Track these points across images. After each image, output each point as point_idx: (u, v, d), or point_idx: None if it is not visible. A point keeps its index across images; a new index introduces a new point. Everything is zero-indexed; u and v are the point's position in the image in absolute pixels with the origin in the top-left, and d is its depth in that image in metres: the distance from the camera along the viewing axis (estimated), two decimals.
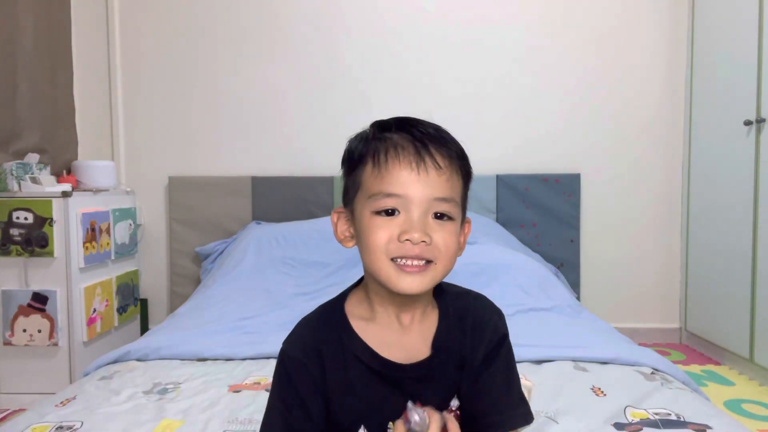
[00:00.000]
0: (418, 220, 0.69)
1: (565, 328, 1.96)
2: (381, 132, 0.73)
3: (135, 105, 3.04)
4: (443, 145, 0.72)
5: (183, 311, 2.21)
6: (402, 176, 0.69)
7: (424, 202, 0.70)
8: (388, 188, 0.70)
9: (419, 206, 0.70)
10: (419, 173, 0.69)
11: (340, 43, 3.01)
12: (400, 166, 0.70)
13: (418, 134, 0.71)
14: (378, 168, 0.71)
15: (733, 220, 2.52)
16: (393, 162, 0.70)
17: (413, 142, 0.71)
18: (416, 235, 0.68)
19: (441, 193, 0.70)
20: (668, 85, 3.00)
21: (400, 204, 0.70)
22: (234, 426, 1.21)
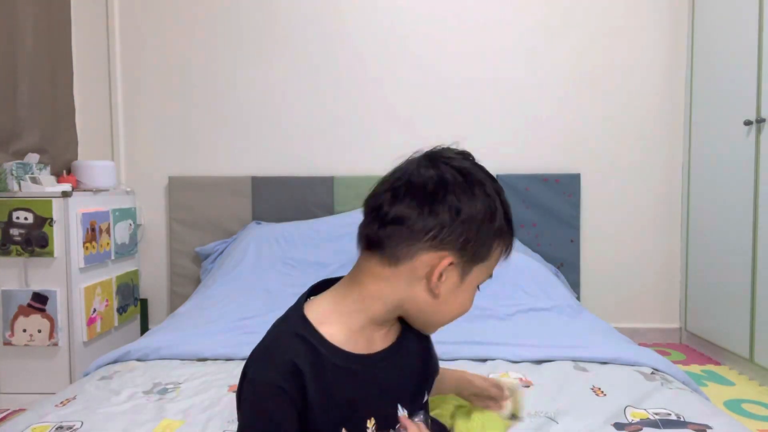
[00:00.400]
0: None
1: (565, 328, 1.96)
2: (509, 226, 0.77)
3: (135, 105, 3.04)
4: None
5: (183, 311, 2.21)
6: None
7: None
8: (493, 271, 0.79)
9: None
10: None
11: (340, 43, 3.01)
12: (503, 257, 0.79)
13: (513, 234, 0.80)
14: (503, 253, 0.78)
15: (733, 220, 2.52)
16: (507, 253, 0.79)
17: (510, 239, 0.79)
18: None
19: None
20: (668, 85, 3.00)
21: None
22: (234, 426, 1.21)
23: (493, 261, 0.77)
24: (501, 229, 0.74)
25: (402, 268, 0.72)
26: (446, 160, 0.73)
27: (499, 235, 0.74)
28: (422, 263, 0.71)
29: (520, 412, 0.95)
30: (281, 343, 0.73)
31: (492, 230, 0.73)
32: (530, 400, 1.32)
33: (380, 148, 2.99)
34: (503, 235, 0.75)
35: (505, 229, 0.75)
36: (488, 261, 0.76)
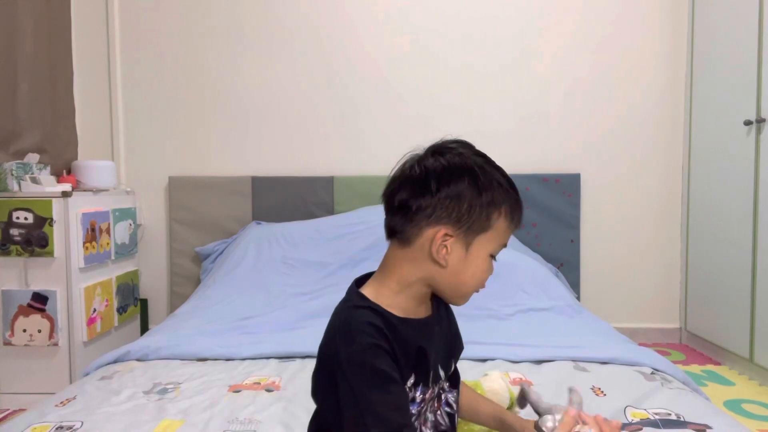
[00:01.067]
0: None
1: (565, 328, 1.96)
2: (513, 191, 0.84)
3: (135, 105, 3.04)
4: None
5: (183, 311, 2.21)
6: (510, 235, 0.86)
7: None
8: (506, 241, 0.85)
9: None
10: None
11: (339, 43, 3.01)
12: (515, 228, 0.86)
13: (521, 200, 0.86)
14: (509, 224, 0.84)
15: (733, 221, 2.52)
16: (517, 224, 0.86)
17: (520, 205, 0.86)
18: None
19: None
20: (668, 85, 3.00)
21: None
22: (234, 426, 1.21)
23: (499, 231, 0.83)
24: (494, 201, 0.81)
25: (415, 247, 0.82)
26: (445, 150, 0.83)
27: (493, 205, 0.81)
28: (426, 239, 0.81)
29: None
30: (356, 316, 0.81)
31: (482, 203, 0.80)
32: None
33: (380, 148, 2.99)
34: (500, 205, 0.82)
35: (499, 200, 0.81)
36: (490, 231, 0.82)
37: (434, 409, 0.87)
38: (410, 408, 0.81)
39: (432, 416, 0.86)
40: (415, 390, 0.82)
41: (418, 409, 0.83)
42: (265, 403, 1.33)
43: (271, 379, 1.49)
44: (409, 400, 0.80)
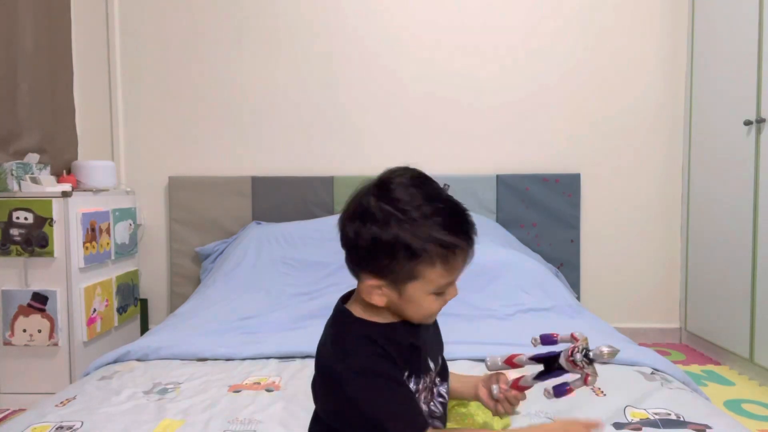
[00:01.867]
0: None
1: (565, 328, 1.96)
2: (449, 234, 0.79)
3: (135, 105, 3.04)
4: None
5: (183, 311, 2.21)
6: (462, 268, 0.84)
7: None
8: (453, 278, 0.83)
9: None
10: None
11: (340, 43, 3.01)
12: (461, 263, 0.83)
13: (473, 237, 0.84)
14: (449, 270, 0.81)
15: (733, 221, 2.52)
16: (458, 265, 0.82)
17: (470, 246, 0.83)
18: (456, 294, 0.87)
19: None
20: (668, 85, 3.00)
21: None
22: (234, 426, 1.21)
23: (432, 278, 0.80)
24: (416, 254, 0.77)
25: (362, 287, 0.84)
26: (389, 188, 0.80)
27: (416, 259, 0.78)
28: (363, 282, 0.83)
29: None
30: (347, 331, 0.84)
31: (402, 257, 0.78)
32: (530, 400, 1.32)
33: (380, 148, 2.99)
34: (427, 258, 0.78)
35: (426, 253, 0.78)
36: (420, 280, 0.80)
37: (428, 400, 0.90)
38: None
39: (426, 407, 0.88)
40: (408, 381, 0.84)
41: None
42: (265, 403, 1.33)
43: (271, 379, 1.49)
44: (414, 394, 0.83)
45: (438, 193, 0.82)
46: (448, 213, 0.81)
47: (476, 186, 2.93)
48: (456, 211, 0.82)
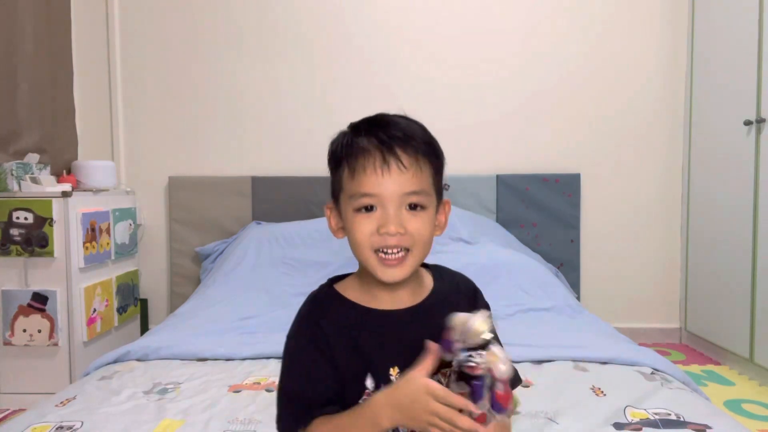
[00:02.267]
0: (392, 214, 0.79)
1: (565, 328, 1.96)
2: (354, 137, 0.83)
3: (135, 105, 3.04)
4: (408, 144, 0.81)
5: (183, 311, 2.21)
6: (371, 179, 0.79)
7: (395, 197, 0.79)
8: (363, 189, 0.80)
9: (392, 202, 0.79)
10: (386, 174, 0.79)
11: (339, 43, 3.01)
12: (370, 170, 0.79)
13: (384, 138, 0.80)
14: (352, 173, 0.81)
15: (733, 220, 2.52)
16: (363, 167, 0.80)
17: (379, 147, 0.80)
18: (392, 228, 0.79)
19: (409, 187, 0.80)
20: (668, 85, 3.00)
21: (376, 201, 0.80)
22: (234, 426, 1.21)
23: (348, 184, 0.81)
24: (335, 156, 0.84)
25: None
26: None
27: (338, 164, 0.84)
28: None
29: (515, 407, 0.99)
30: (310, 309, 0.86)
31: (332, 165, 0.85)
32: (530, 400, 1.32)
33: None
34: (343, 159, 0.82)
35: (341, 155, 0.83)
36: (343, 190, 0.83)
37: None
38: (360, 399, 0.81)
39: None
40: (364, 378, 0.82)
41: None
42: (265, 403, 1.33)
43: (271, 379, 1.49)
44: (325, 375, 0.81)
45: (375, 116, 0.85)
46: (367, 119, 0.84)
47: (476, 186, 2.93)
48: (375, 118, 0.84)
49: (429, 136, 0.85)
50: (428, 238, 0.83)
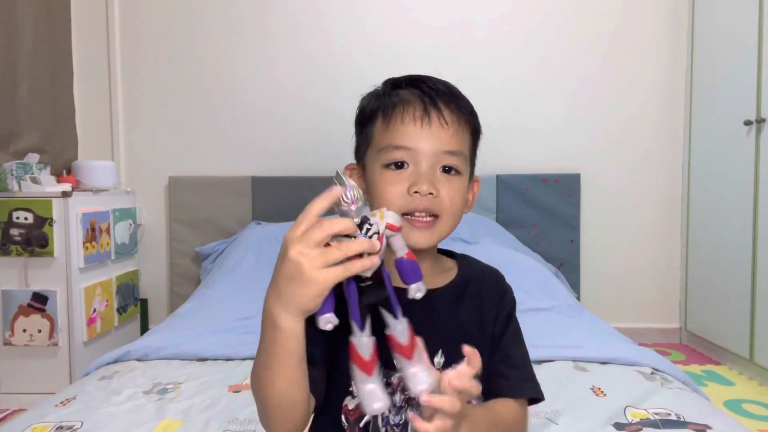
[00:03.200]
0: (426, 172, 0.72)
1: (565, 328, 1.96)
2: (392, 89, 0.77)
3: (135, 105, 3.04)
4: (451, 100, 0.75)
5: (183, 311, 2.21)
6: (409, 130, 0.72)
7: (431, 155, 0.72)
8: (397, 141, 0.73)
9: (427, 159, 0.72)
10: (425, 127, 0.72)
11: (340, 43, 3.01)
12: (408, 120, 0.73)
13: (426, 89, 0.74)
14: (387, 122, 0.74)
15: (733, 220, 2.52)
16: (401, 116, 0.73)
17: (421, 97, 0.74)
18: (424, 187, 0.71)
19: (448, 146, 0.73)
20: (668, 85, 3.00)
21: (409, 157, 0.72)
22: (234, 426, 1.21)
23: (379, 136, 0.75)
24: (366, 110, 0.78)
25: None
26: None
27: (368, 118, 0.78)
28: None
29: None
30: None
31: (367, 110, 0.78)
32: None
33: None
34: (373, 113, 0.77)
35: (374, 109, 0.77)
36: (371, 143, 0.77)
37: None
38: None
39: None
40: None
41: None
42: None
43: None
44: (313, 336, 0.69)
45: (418, 75, 0.79)
46: (407, 75, 0.78)
47: None
48: (416, 75, 0.78)
49: (471, 103, 0.80)
50: (459, 208, 0.75)
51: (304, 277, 0.58)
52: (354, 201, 0.62)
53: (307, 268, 0.58)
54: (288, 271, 0.59)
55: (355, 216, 0.62)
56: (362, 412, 0.73)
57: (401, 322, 0.63)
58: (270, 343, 0.62)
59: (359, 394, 0.63)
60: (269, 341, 0.62)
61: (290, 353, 0.62)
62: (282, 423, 0.66)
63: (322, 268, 0.58)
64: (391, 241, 0.64)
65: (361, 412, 0.73)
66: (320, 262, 0.58)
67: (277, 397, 0.64)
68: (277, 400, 0.64)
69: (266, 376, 0.63)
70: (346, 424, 0.74)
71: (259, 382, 0.65)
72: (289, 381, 0.63)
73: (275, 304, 0.60)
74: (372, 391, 0.62)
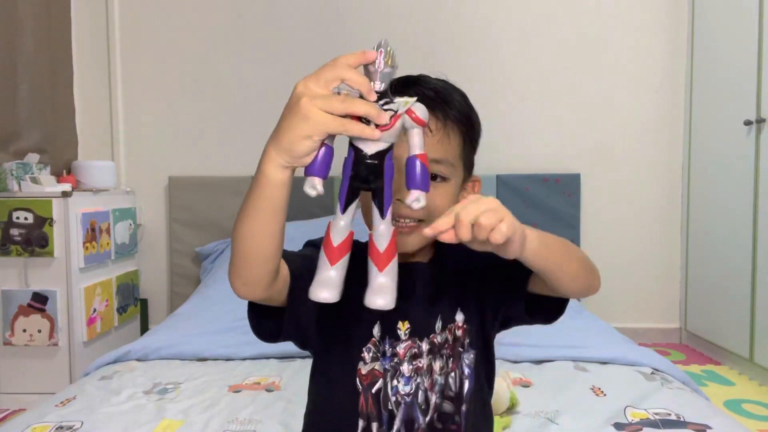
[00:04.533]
0: None
1: (565, 328, 1.95)
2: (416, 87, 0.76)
3: (135, 105, 3.04)
4: (438, 107, 0.74)
5: (183, 311, 2.21)
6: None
7: None
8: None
9: None
10: None
11: (339, 42, 3.01)
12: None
13: (415, 95, 0.72)
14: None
15: (733, 220, 2.52)
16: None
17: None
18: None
19: (433, 154, 0.72)
20: (668, 85, 3.00)
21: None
22: (234, 426, 1.21)
23: None
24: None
25: None
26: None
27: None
28: None
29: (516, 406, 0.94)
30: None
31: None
32: (530, 400, 1.32)
33: None
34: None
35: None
36: None
37: (446, 371, 0.77)
38: (382, 363, 0.76)
39: (442, 379, 0.77)
40: (382, 343, 0.76)
41: (391, 365, 0.76)
42: (265, 403, 1.33)
43: (271, 379, 1.49)
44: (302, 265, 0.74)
45: (417, 75, 0.78)
46: (401, 77, 0.76)
47: None
48: (409, 76, 0.78)
49: (467, 104, 0.79)
50: (444, 211, 0.76)
51: (300, 111, 0.59)
52: (384, 65, 0.58)
53: (305, 102, 0.59)
54: (289, 104, 0.61)
55: (380, 84, 0.59)
56: (373, 378, 0.75)
57: (386, 223, 0.61)
58: (256, 189, 0.64)
59: (315, 279, 0.62)
60: (256, 187, 0.64)
61: (272, 202, 0.63)
62: (252, 272, 0.67)
63: (320, 109, 0.58)
64: (409, 133, 0.61)
65: (374, 378, 0.75)
66: (321, 102, 0.58)
67: (245, 240, 0.65)
68: (254, 250, 0.66)
69: (247, 226, 0.65)
70: (360, 388, 0.76)
71: (239, 232, 0.66)
72: (268, 231, 0.65)
73: (270, 144, 0.63)
74: (324, 280, 0.61)
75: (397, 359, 0.76)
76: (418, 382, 0.76)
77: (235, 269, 0.67)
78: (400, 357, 0.76)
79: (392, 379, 0.76)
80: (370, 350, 0.77)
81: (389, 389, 0.76)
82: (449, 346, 0.78)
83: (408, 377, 0.76)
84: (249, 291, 0.69)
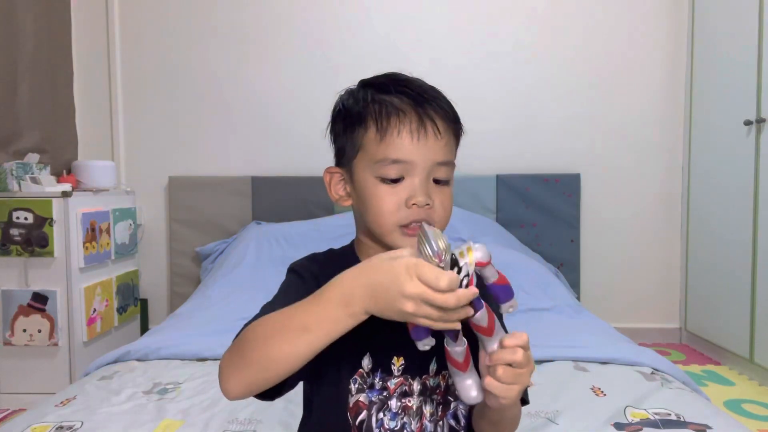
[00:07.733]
0: (421, 184, 0.73)
1: (565, 328, 1.96)
2: (379, 93, 0.75)
3: (135, 105, 3.04)
4: (441, 108, 0.75)
5: (183, 311, 2.21)
6: (406, 143, 0.72)
7: (426, 167, 0.73)
8: (394, 155, 0.72)
9: (422, 171, 0.73)
10: (422, 139, 0.72)
11: (339, 43, 3.01)
12: (405, 133, 0.72)
13: (417, 98, 0.73)
14: (382, 134, 0.73)
15: (733, 220, 2.52)
16: (397, 129, 0.72)
17: (414, 107, 0.73)
18: (422, 199, 0.72)
19: (442, 157, 0.74)
20: (668, 85, 3.00)
21: (405, 170, 0.73)
22: (234, 426, 1.21)
23: (373, 147, 0.73)
24: (354, 115, 0.75)
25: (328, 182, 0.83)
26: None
27: (356, 124, 0.75)
28: (328, 185, 0.82)
29: None
30: (322, 260, 0.82)
31: (354, 114, 0.75)
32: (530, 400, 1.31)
33: None
34: (362, 121, 0.74)
35: (360, 116, 0.74)
36: (361, 151, 0.75)
37: (435, 418, 0.76)
38: (368, 395, 0.75)
39: (431, 426, 0.75)
40: (373, 375, 0.75)
41: (379, 398, 0.75)
42: (265, 403, 1.32)
43: None
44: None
45: (393, 73, 0.77)
46: (385, 75, 0.77)
47: (476, 186, 2.93)
48: (394, 74, 0.77)
49: (453, 107, 0.79)
50: (449, 214, 0.76)
51: (398, 313, 0.59)
52: (441, 258, 0.59)
53: (405, 314, 0.58)
54: (391, 297, 0.58)
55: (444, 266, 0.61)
56: (358, 410, 0.75)
57: (460, 343, 0.66)
58: (321, 322, 0.61)
59: (457, 386, 0.68)
60: (322, 320, 0.61)
61: (331, 338, 0.61)
62: (266, 384, 0.65)
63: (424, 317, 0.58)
64: (482, 275, 0.65)
65: (358, 410, 0.75)
66: (422, 313, 0.58)
67: (274, 360, 0.62)
68: (273, 363, 0.62)
69: (287, 351, 0.62)
70: (349, 418, 0.76)
71: (273, 351, 0.62)
72: (300, 355, 0.62)
73: (362, 292, 0.59)
74: (468, 386, 0.68)
75: (387, 393, 0.75)
76: (404, 422, 0.74)
77: (242, 377, 0.64)
78: (389, 391, 0.75)
79: (378, 411, 0.75)
80: (356, 381, 0.75)
81: (373, 421, 0.74)
82: (440, 392, 0.77)
83: (395, 413, 0.75)
84: (247, 395, 0.67)
